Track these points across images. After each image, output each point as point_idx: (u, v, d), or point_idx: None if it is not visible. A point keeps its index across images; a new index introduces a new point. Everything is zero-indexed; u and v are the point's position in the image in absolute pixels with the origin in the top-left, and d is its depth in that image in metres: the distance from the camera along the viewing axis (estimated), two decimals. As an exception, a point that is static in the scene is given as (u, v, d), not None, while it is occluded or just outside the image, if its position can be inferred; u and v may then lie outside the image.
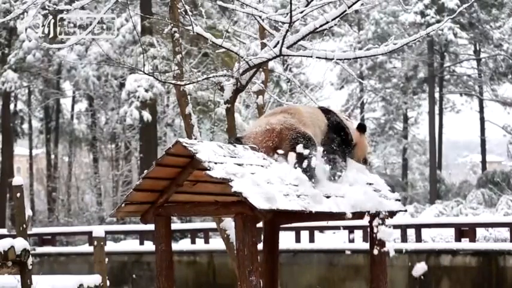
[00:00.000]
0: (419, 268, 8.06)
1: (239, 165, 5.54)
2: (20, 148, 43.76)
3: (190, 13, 8.47)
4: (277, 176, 5.66)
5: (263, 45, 9.58)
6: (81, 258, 19.07)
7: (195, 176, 5.87)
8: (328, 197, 5.90)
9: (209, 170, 5.35)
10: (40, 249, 19.19)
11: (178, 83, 9.16)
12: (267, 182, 5.49)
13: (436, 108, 40.32)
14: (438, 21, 32.35)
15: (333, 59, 8.00)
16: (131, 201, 5.95)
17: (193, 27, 8.17)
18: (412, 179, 45.65)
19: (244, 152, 5.85)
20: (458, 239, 16.24)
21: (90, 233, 17.39)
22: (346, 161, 6.53)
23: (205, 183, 5.84)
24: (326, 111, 6.69)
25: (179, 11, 9.67)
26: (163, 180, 5.89)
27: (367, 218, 6.26)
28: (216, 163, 5.42)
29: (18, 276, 9.12)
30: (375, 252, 6.37)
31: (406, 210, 6.77)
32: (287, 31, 7.60)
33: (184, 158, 5.70)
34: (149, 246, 18.78)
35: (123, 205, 5.93)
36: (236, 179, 5.31)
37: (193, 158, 5.54)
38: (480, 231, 18.80)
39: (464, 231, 16.21)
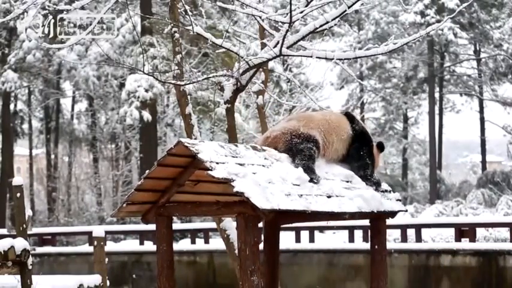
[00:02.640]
0: None
1: (241, 165, 5.54)
2: (20, 148, 43.76)
3: (190, 13, 8.46)
4: (279, 176, 5.66)
5: (263, 45, 9.59)
6: (81, 258, 19.03)
7: (197, 176, 5.87)
8: (329, 196, 5.90)
9: (211, 170, 5.34)
10: (40, 249, 19.16)
11: (178, 83, 9.15)
12: (268, 182, 5.49)
13: (436, 108, 40.33)
14: (438, 21, 32.33)
15: (333, 59, 7.99)
16: (132, 201, 5.95)
17: (193, 27, 8.17)
18: (412, 179, 45.68)
19: (246, 152, 5.84)
20: (458, 239, 16.21)
21: (90, 233, 17.35)
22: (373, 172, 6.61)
23: (207, 183, 5.84)
24: (351, 118, 6.67)
25: (179, 11, 9.68)
26: (164, 180, 5.90)
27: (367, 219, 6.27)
28: (217, 163, 5.42)
29: (18, 276, 9.11)
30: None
31: (406, 210, 6.76)
32: (287, 31, 7.60)
33: (185, 158, 5.70)
34: (149, 246, 18.75)
35: (124, 205, 5.93)
36: (238, 179, 5.31)
37: (195, 158, 5.54)
38: (480, 231, 18.78)
39: (464, 231, 16.17)
